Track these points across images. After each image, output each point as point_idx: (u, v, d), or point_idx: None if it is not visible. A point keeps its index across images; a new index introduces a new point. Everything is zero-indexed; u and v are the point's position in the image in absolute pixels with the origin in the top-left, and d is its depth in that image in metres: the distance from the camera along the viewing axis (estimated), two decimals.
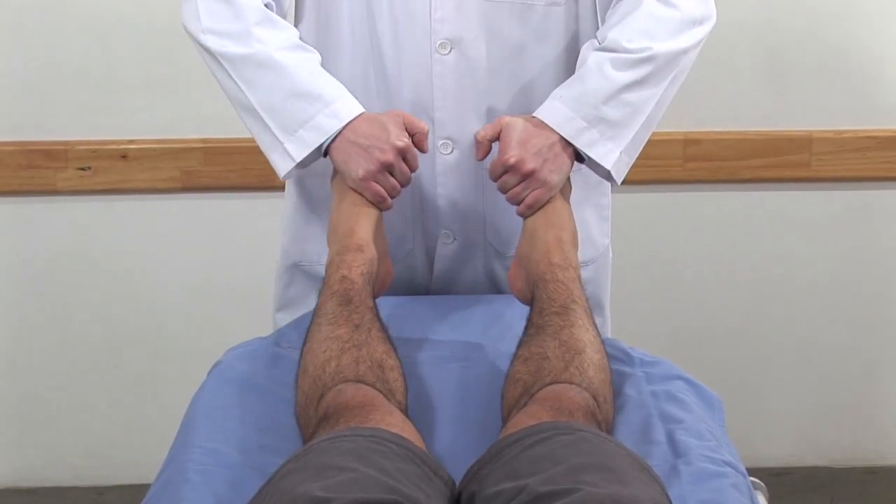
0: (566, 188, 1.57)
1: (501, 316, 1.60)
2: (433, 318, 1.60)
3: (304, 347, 1.39)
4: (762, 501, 1.48)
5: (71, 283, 2.54)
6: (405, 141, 1.49)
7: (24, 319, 2.57)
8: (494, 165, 1.51)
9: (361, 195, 1.52)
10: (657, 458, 1.27)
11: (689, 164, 2.50)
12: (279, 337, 1.59)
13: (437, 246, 1.68)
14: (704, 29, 1.56)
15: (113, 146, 2.45)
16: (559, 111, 1.52)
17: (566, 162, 1.52)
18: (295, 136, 1.52)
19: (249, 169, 2.45)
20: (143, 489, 1.34)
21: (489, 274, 1.71)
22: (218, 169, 2.46)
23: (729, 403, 1.50)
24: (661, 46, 1.51)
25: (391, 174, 1.50)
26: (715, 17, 1.57)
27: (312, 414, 1.31)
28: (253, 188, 2.48)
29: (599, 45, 1.54)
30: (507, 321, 1.56)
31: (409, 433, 1.24)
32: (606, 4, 1.59)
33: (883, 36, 2.46)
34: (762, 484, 1.53)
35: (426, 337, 1.55)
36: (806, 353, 2.66)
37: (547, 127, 1.51)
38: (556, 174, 1.51)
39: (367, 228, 1.50)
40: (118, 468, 2.65)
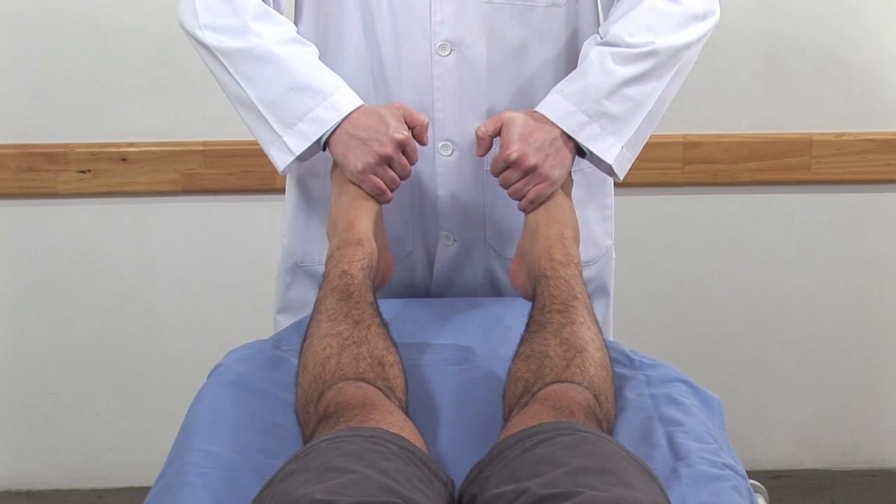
0: (567, 183, 1.57)
1: (501, 319, 1.60)
2: (433, 321, 1.60)
3: (303, 344, 1.39)
4: None
5: (71, 285, 2.54)
6: (404, 133, 1.49)
7: (23, 322, 2.57)
8: (496, 161, 1.51)
9: (361, 188, 1.51)
10: (657, 460, 1.27)
11: (688, 166, 2.50)
12: (279, 340, 1.58)
13: (437, 247, 1.68)
14: (708, 24, 1.55)
15: (113, 149, 2.45)
16: (561, 105, 1.51)
17: (568, 157, 1.52)
18: (294, 129, 1.51)
19: (249, 171, 2.45)
20: (142, 492, 1.34)
21: (489, 275, 1.71)
22: (218, 172, 2.46)
23: (729, 406, 1.50)
24: (663, 41, 1.51)
25: (390, 167, 1.50)
26: (718, 12, 1.57)
27: (312, 412, 1.31)
28: (253, 191, 2.48)
29: (601, 39, 1.54)
30: (507, 324, 1.56)
31: (409, 433, 1.24)
32: (609, 4, 1.59)
33: (882, 38, 2.46)
34: (762, 487, 1.53)
35: (426, 340, 1.55)
36: (806, 355, 2.66)
37: (548, 121, 1.51)
38: (558, 169, 1.51)
39: (366, 222, 1.49)
40: (118, 471, 2.65)
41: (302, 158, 1.54)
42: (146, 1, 2.37)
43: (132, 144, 2.45)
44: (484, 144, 1.53)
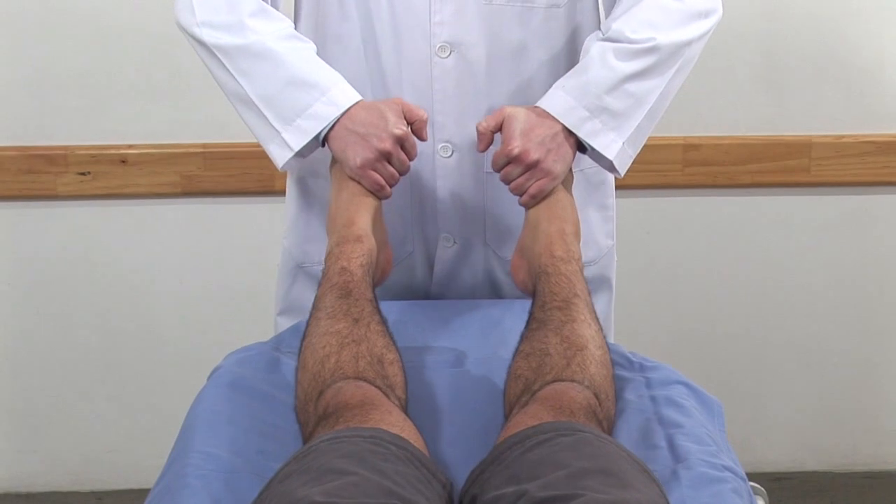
0: (568, 179, 1.56)
1: (501, 321, 1.59)
2: (433, 323, 1.60)
3: (303, 342, 1.39)
4: None
5: (70, 287, 2.54)
6: (403, 129, 1.48)
7: (23, 324, 2.57)
8: (497, 156, 1.50)
9: (360, 184, 1.51)
10: (657, 462, 1.27)
11: (688, 169, 2.50)
12: (279, 342, 1.58)
13: (437, 248, 1.68)
14: (710, 21, 1.55)
15: (113, 151, 2.45)
16: (562, 100, 1.51)
17: (569, 152, 1.52)
18: (292, 125, 1.51)
19: (249, 173, 2.45)
20: (142, 494, 1.34)
21: (489, 276, 1.71)
22: (217, 174, 2.46)
23: (729, 408, 1.50)
24: (665, 37, 1.51)
25: (389, 163, 1.50)
26: (721, 10, 1.57)
27: (312, 411, 1.30)
28: (252, 193, 2.48)
29: (603, 35, 1.54)
30: (507, 326, 1.56)
31: (408, 432, 1.24)
32: (610, 5, 1.59)
33: (882, 40, 2.46)
34: (762, 489, 1.53)
35: (426, 342, 1.55)
36: (805, 357, 2.66)
37: (549, 116, 1.51)
38: (559, 164, 1.50)
39: (366, 218, 1.49)
40: (117, 473, 2.65)
41: (301, 154, 1.54)
42: (146, 3, 2.37)
43: (132, 146, 2.45)
44: (485, 140, 1.53)
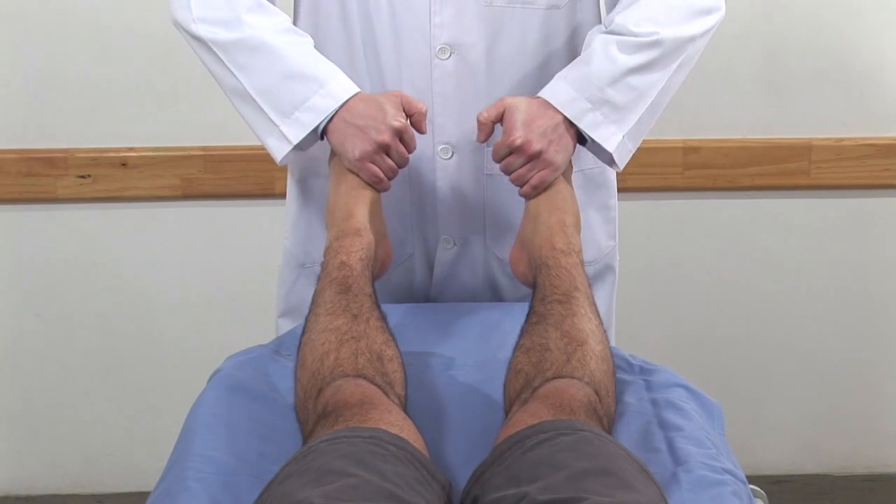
0: (568, 170, 1.56)
1: (501, 324, 1.59)
2: (433, 326, 1.60)
3: (302, 338, 1.38)
4: None
5: (71, 290, 2.54)
6: (402, 121, 1.48)
7: (23, 326, 2.57)
8: (499, 147, 1.50)
9: (358, 177, 1.51)
10: (657, 465, 1.27)
11: (688, 171, 2.50)
12: (279, 344, 1.58)
13: (436, 250, 1.68)
14: (713, 19, 1.55)
15: (113, 154, 2.45)
16: (564, 91, 1.51)
17: (570, 143, 1.52)
18: (291, 118, 1.51)
19: (249, 176, 2.45)
20: (142, 497, 1.34)
21: (489, 278, 1.71)
22: (217, 176, 2.46)
23: (729, 410, 1.50)
24: (668, 32, 1.51)
25: (388, 155, 1.49)
26: (723, 10, 1.57)
27: (311, 409, 1.30)
28: (252, 195, 2.48)
29: (606, 29, 1.54)
30: (506, 329, 1.56)
31: (408, 432, 1.23)
32: (612, 4, 1.59)
33: (882, 44, 2.46)
34: (762, 492, 1.53)
35: (426, 345, 1.54)
36: (805, 360, 2.66)
37: (551, 107, 1.50)
38: (561, 154, 1.50)
39: (365, 211, 1.49)
40: (118, 476, 2.65)
41: (300, 148, 1.53)
42: (146, 6, 2.37)
43: (132, 149, 2.45)
44: (485, 130, 1.52)
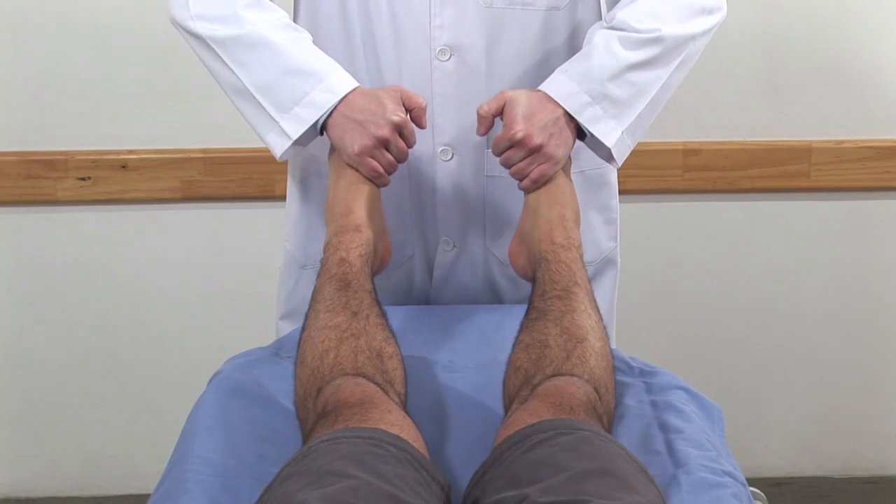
0: (567, 164, 1.56)
1: (501, 326, 1.59)
2: (433, 328, 1.60)
3: (301, 335, 1.38)
4: None
5: (71, 292, 2.54)
6: (401, 116, 1.48)
7: (23, 329, 2.57)
8: (499, 140, 1.50)
9: (358, 172, 1.51)
10: (657, 467, 1.27)
11: (688, 174, 2.50)
12: (279, 347, 1.58)
13: (436, 252, 1.68)
14: (714, 18, 1.56)
15: (113, 156, 2.45)
16: (565, 85, 1.51)
17: (570, 137, 1.52)
18: (290, 113, 1.51)
19: (249, 178, 2.45)
20: (142, 499, 1.34)
21: (489, 280, 1.71)
22: (217, 179, 2.46)
23: (729, 413, 1.50)
24: (669, 29, 1.51)
25: (388, 150, 1.49)
26: (725, 9, 1.57)
27: (311, 408, 1.30)
28: (252, 198, 2.48)
29: (607, 25, 1.54)
30: (506, 331, 1.55)
31: (407, 432, 1.23)
32: (612, 4, 1.59)
33: (882, 46, 2.47)
34: (762, 494, 1.53)
35: (426, 349, 1.54)
36: (805, 362, 2.66)
37: (551, 100, 1.50)
38: (561, 148, 1.50)
39: (364, 206, 1.49)
40: (117, 478, 2.65)
41: (300, 143, 1.53)
42: (147, 8, 2.37)
43: (132, 152, 2.45)
44: (485, 123, 1.52)
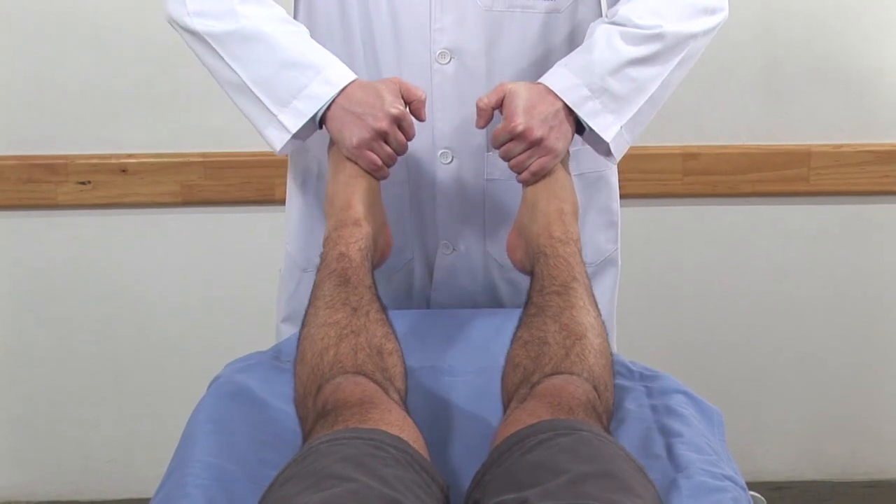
0: (565, 158, 1.56)
1: (501, 330, 1.59)
2: (432, 332, 1.60)
3: (301, 332, 1.37)
4: None
5: (71, 296, 2.54)
6: (400, 108, 1.47)
7: (23, 333, 2.57)
8: (499, 132, 1.49)
9: (357, 165, 1.50)
10: (657, 471, 1.27)
11: (687, 177, 2.50)
12: (278, 351, 1.58)
13: (436, 255, 1.68)
14: (716, 18, 1.56)
15: (113, 160, 2.45)
16: (565, 78, 1.51)
17: (569, 130, 1.52)
18: (289, 107, 1.51)
19: (249, 182, 2.46)
20: (142, 503, 1.34)
21: (489, 284, 1.71)
22: (218, 183, 2.46)
23: (729, 417, 1.50)
24: (670, 26, 1.51)
25: (386, 142, 1.49)
26: (727, 11, 1.58)
27: (311, 407, 1.30)
28: (253, 202, 2.48)
29: (609, 20, 1.54)
30: (507, 336, 1.55)
31: (408, 432, 1.23)
32: (612, 5, 1.59)
33: (881, 50, 2.47)
34: (762, 498, 1.54)
35: (426, 353, 1.54)
36: (805, 366, 2.66)
37: (550, 93, 1.50)
38: (561, 141, 1.50)
39: (364, 200, 1.48)
40: (117, 482, 2.65)
41: (298, 137, 1.53)
42: (147, 13, 2.37)
43: (132, 156, 2.45)
44: (484, 116, 1.52)
